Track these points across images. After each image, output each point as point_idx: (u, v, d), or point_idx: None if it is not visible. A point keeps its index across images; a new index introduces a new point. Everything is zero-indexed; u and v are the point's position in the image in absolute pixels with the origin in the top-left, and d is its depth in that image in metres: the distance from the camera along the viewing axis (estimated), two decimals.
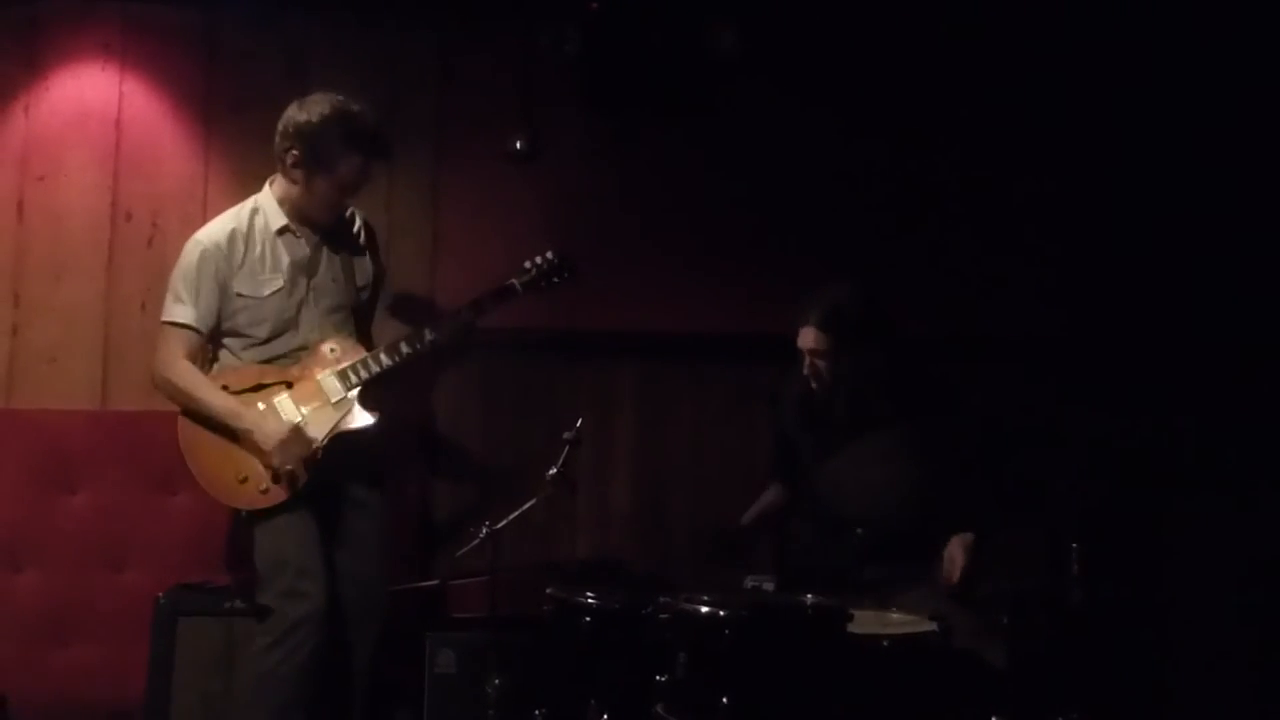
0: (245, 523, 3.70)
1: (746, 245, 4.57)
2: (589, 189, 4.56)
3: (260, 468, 3.61)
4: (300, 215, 3.72)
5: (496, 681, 3.58)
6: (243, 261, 3.67)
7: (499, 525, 3.65)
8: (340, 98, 3.67)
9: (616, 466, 4.50)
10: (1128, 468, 4.35)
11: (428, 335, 3.74)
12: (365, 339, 3.83)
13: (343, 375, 3.69)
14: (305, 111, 3.63)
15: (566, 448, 3.71)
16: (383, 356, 3.71)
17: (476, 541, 3.65)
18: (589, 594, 3.38)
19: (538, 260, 3.89)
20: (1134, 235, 4.53)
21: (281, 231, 3.72)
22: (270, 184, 3.77)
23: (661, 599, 3.23)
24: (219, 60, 4.51)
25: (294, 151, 3.63)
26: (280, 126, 3.66)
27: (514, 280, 3.89)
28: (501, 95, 4.54)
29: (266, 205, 3.74)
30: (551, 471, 3.69)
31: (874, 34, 4.55)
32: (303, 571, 3.60)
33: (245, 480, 3.62)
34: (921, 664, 3.16)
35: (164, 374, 3.67)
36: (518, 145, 4.49)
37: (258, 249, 3.69)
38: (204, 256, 3.65)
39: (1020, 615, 3.58)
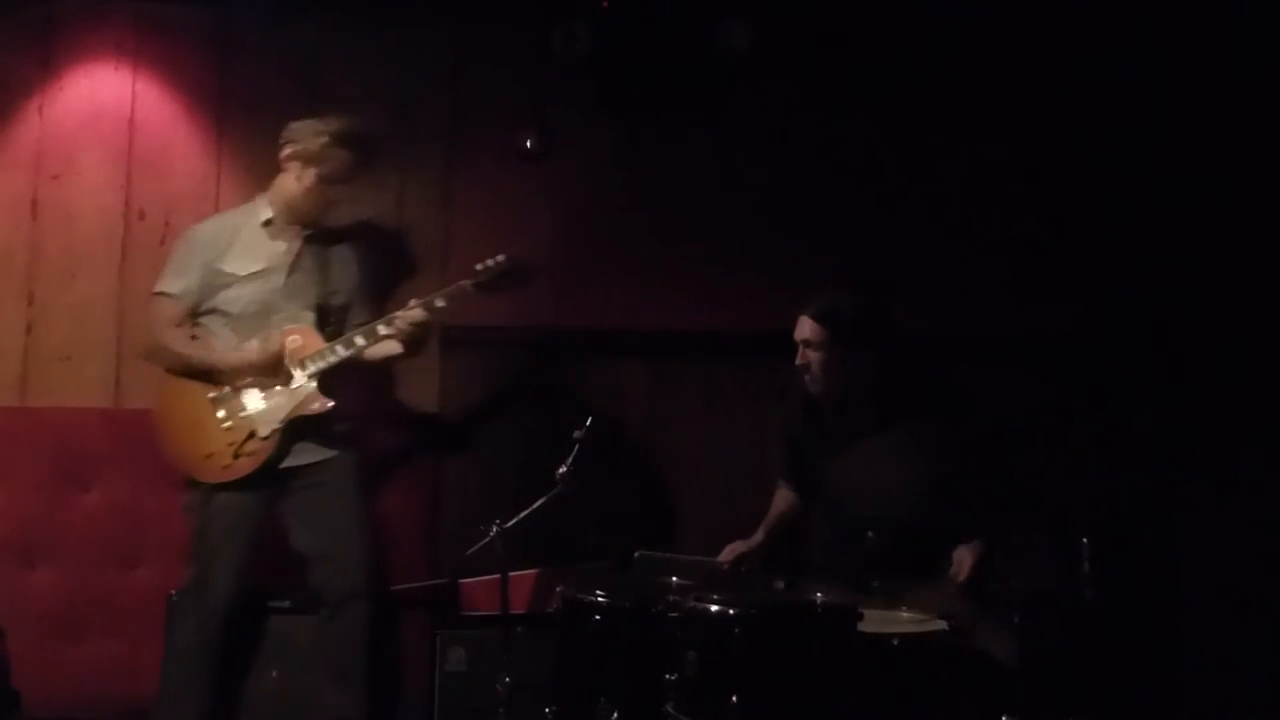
0: (194, 507, 3.84)
1: (757, 243, 4.57)
2: (600, 187, 4.57)
3: (224, 444, 3.80)
4: (289, 211, 3.96)
5: (506, 679, 3.59)
6: (230, 245, 3.93)
7: (509, 523, 3.66)
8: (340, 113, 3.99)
9: (626, 465, 4.50)
10: (1138, 465, 4.34)
11: (380, 330, 3.89)
12: (333, 338, 3.94)
13: (302, 364, 3.87)
14: (306, 117, 3.96)
15: (576, 446, 3.72)
16: (339, 348, 3.89)
17: (486, 540, 3.66)
18: (599, 592, 3.38)
19: (489, 263, 3.94)
20: (1141, 232, 4.51)
21: (266, 224, 3.96)
22: (269, 189, 4.01)
23: (671, 597, 3.24)
24: (231, 60, 4.53)
25: (290, 145, 3.94)
26: (285, 131, 3.98)
27: (465, 281, 3.94)
28: (512, 94, 4.55)
29: (260, 202, 4.01)
30: (561, 470, 3.70)
31: (884, 33, 4.54)
32: (215, 551, 3.78)
33: (210, 456, 3.80)
34: (932, 663, 3.16)
35: (153, 339, 3.93)
36: (528, 144, 4.49)
37: (244, 236, 3.95)
38: (193, 238, 3.97)
39: (1031, 613, 3.56)
